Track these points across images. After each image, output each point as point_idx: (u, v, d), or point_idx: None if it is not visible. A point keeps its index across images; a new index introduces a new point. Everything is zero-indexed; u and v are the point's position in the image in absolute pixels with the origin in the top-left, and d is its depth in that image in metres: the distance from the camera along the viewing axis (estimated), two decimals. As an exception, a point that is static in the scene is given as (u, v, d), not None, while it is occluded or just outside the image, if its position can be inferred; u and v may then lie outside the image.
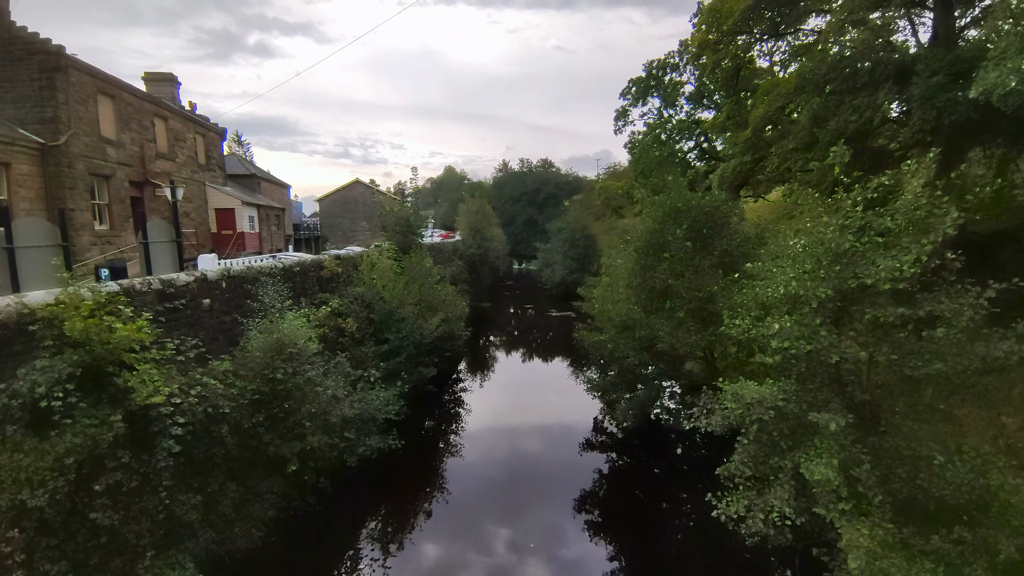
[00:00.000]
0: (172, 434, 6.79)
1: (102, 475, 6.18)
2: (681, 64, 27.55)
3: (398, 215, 19.63)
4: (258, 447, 9.25)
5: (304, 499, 10.22)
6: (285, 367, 9.37)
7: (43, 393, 5.61)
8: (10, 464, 5.57)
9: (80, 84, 16.22)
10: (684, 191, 12.33)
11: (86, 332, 6.11)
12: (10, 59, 15.10)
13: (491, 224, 42.67)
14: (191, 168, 23.09)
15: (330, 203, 50.67)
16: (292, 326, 9.76)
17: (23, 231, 7.88)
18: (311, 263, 13.37)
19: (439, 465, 13.91)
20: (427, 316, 15.61)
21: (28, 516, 5.64)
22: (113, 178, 17.54)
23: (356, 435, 10.95)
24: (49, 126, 15.27)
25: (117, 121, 17.93)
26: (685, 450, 13.99)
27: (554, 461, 13.88)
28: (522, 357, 28.11)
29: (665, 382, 13.63)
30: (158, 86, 23.78)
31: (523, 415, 18.13)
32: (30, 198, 14.71)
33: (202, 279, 9.05)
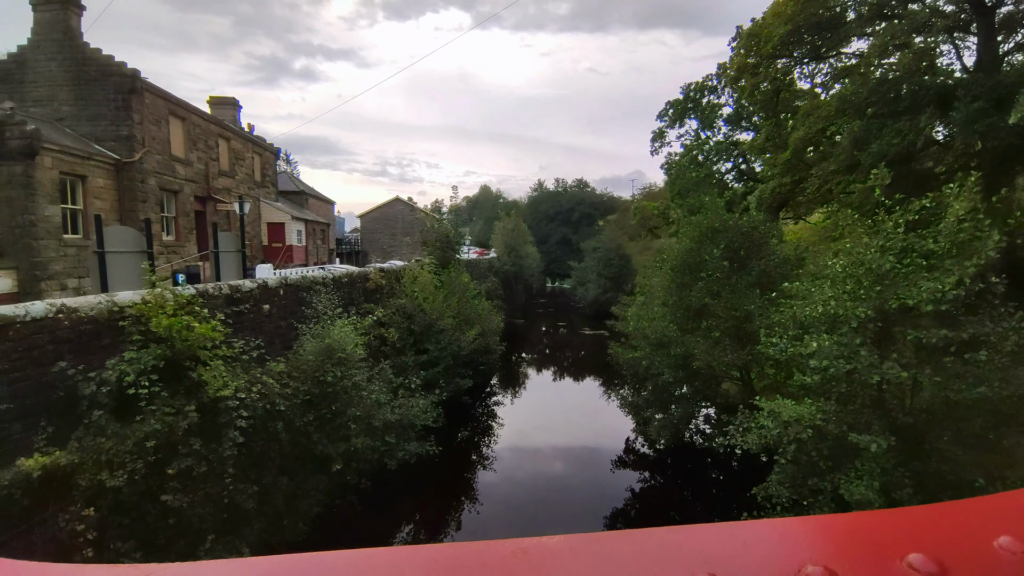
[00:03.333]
0: (237, 426, 7.39)
1: (175, 460, 6.78)
2: (719, 87, 27.73)
3: (438, 231, 20.36)
4: (307, 445, 9.81)
5: (346, 498, 10.68)
6: (334, 371, 9.96)
7: (131, 381, 6.28)
8: (92, 447, 6.22)
9: (154, 106, 17.76)
10: (721, 211, 12.47)
11: (169, 329, 6.80)
12: (85, 79, 16.67)
13: (526, 242, 43.28)
14: (248, 185, 24.64)
15: (371, 219, 52.54)
16: (341, 333, 10.37)
17: (112, 237, 8.78)
18: (358, 275, 14.10)
19: (471, 475, 14.20)
20: (464, 329, 16.08)
21: (104, 496, 6.25)
22: (180, 193, 18.99)
23: (396, 439, 11.40)
24: (124, 144, 16.76)
25: (186, 141, 19.47)
26: (719, 472, 13.82)
27: (585, 478, 13.94)
28: (554, 374, 28.24)
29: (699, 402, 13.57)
30: (221, 109, 25.64)
31: (554, 431, 18.25)
32: (105, 209, 16.11)
33: (264, 286, 9.79)
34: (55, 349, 5.99)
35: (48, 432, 5.84)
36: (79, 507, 5.90)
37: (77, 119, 16.34)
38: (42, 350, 5.84)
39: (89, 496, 5.99)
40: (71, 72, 16.33)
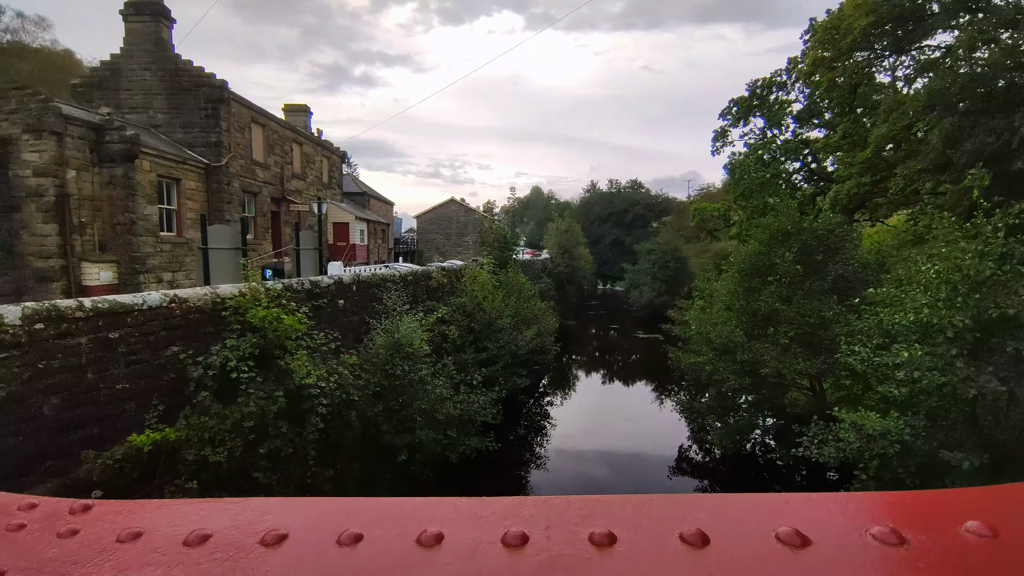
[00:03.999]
0: (318, 412, 7.87)
1: (265, 441, 7.32)
2: (789, 82, 26.51)
3: (496, 232, 20.67)
4: (376, 435, 10.28)
5: (411, 488, 11.09)
6: (402, 365, 10.38)
7: (233, 367, 6.85)
8: (198, 424, 6.81)
9: (238, 114, 19.09)
10: (794, 213, 11.96)
11: (263, 320, 7.35)
12: (177, 88, 18.12)
13: (579, 243, 43.05)
14: (317, 187, 25.98)
15: (427, 220, 53.95)
16: (409, 328, 10.79)
17: (214, 235, 9.58)
18: (421, 273, 14.60)
19: (524, 473, 14.36)
20: (522, 329, 16.26)
21: (206, 470, 6.84)
22: (259, 195, 20.31)
23: (457, 434, 11.72)
24: (213, 149, 18.12)
25: (265, 146, 20.80)
26: (781, 484, 13.25)
27: (638, 483, 13.75)
28: (607, 376, 27.94)
29: (764, 411, 13.07)
30: (294, 115, 27.19)
31: (607, 434, 18.09)
32: (195, 209, 17.49)
33: (339, 282, 10.35)
34: (168, 335, 6.62)
35: (159, 411, 6.47)
36: (184, 480, 6.49)
37: (171, 126, 17.83)
38: (156, 336, 6.48)
39: (193, 470, 6.58)
40: (165, 82, 17.84)
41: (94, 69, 18.14)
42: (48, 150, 12.88)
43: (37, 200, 12.96)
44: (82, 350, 5.58)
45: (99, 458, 5.66)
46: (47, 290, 13.16)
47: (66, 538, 0.77)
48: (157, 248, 15.32)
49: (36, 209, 12.97)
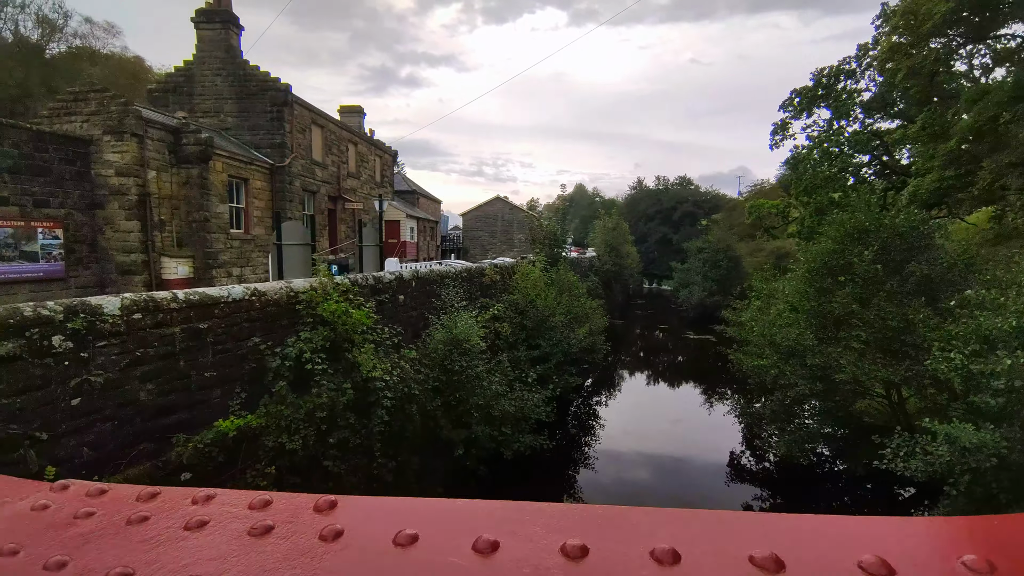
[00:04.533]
0: (384, 405, 8.03)
1: (335, 431, 7.54)
2: (858, 70, 24.99)
3: (546, 229, 20.56)
4: (434, 429, 10.43)
5: (467, 483, 11.19)
6: (460, 361, 10.48)
7: (308, 358, 7.10)
8: (276, 412, 7.08)
9: (300, 117, 19.81)
10: (873, 209, 11.23)
11: (333, 314, 7.57)
12: (246, 93, 18.99)
13: (626, 241, 42.29)
14: (370, 185, 26.67)
15: (472, 217, 54.47)
16: (467, 324, 10.88)
17: (286, 232, 9.97)
18: (475, 270, 14.70)
19: (573, 472, 14.23)
20: (573, 327, 16.10)
21: (283, 456, 7.11)
22: (318, 193, 21.05)
23: (512, 431, 11.73)
24: (277, 150, 18.89)
25: (324, 147, 21.52)
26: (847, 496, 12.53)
27: (690, 489, 13.34)
28: (656, 377, 27.32)
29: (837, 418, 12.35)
30: (348, 116, 27.99)
31: (657, 436, 17.67)
32: (260, 207, 18.30)
33: (400, 278, 10.55)
34: (249, 326, 6.92)
35: (241, 398, 6.77)
36: (263, 465, 6.77)
37: (240, 129, 18.71)
38: (239, 327, 6.78)
39: (271, 456, 6.86)
40: (234, 87, 18.74)
41: (169, 75, 19.27)
42: (130, 151, 13.77)
43: (120, 198, 13.89)
44: (175, 339, 5.90)
45: (190, 442, 5.98)
46: (129, 283, 14.09)
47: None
48: (227, 244, 16.12)
49: (119, 207, 13.90)
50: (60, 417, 4.85)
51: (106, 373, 5.19)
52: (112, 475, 5.29)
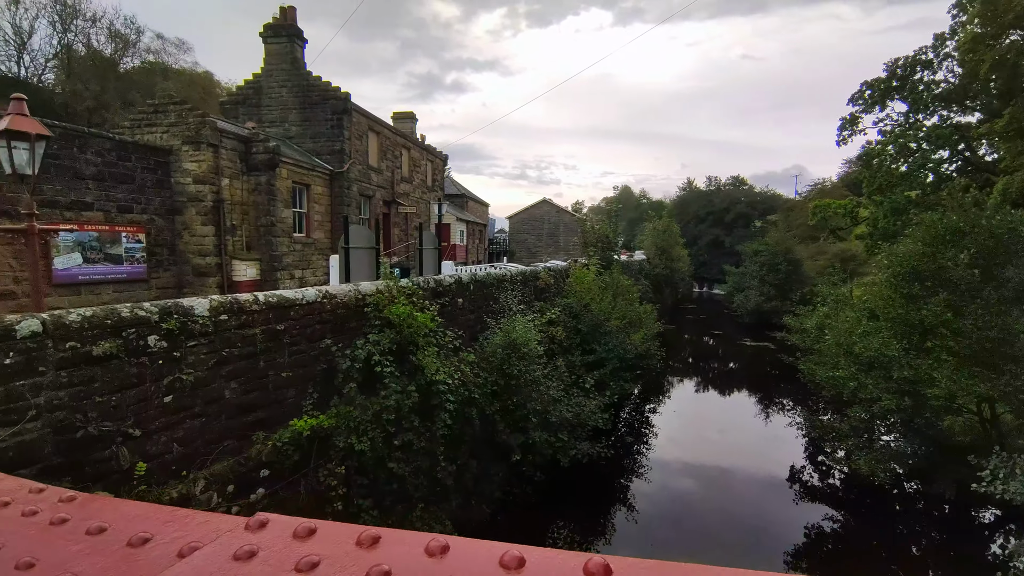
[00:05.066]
0: (447, 409, 8.02)
1: (400, 433, 7.58)
2: (935, 61, 23.22)
3: (599, 232, 20.21)
4: (492, 433, 10.36)
5: (523, 488, 11.06)
6: (519, 365, 10.37)
7: (377, 360, 7.18)
8: (345, 413, 7.19)
9: (358, 123, 20.38)
10: (968, 209, 10.29)
11: (400, 317, 7.63)
12: (309, 103, 19.72)
13: (677, 244, 41.11)
14: (422, 190, 27.15)
15: (519, 220, 54.57)
16: (525, 328, 10.77)
17: (354, 235, 10.21)
18: (530, 273, 14.59)
19: (626, 481, 13.81)
20: (629, 332, 15.70)
21: (351, 457, 7.20)
22: (373, 198, 21.59)
23: (568, 437, 11.51)
24: (336, 157, 19.50)
25: (379, 152, 22.07)
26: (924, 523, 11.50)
27: (747, 504, 12.65)
28: (710, 385, 26.29)
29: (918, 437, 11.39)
30: (401, 122, 28.62)
31: (712, 447, 16.94)
32: (321, 212, 18.93)
33: (459, 281, 10.57)
34: (320, 328, 7.07)
35: (313, 398, 6.91)
36: (333, 465, 6.89)
37: (302, 137, 19.47)
38: (312, 329, 6.94)
39: (341, 456, 6.96)
40: (298, 97, 19.51)
41: (239, 88, 20.30)
42: (206, 160, 14.54)
43: (197, 204, 14.69)
44: (256, 340, 6.09)
45: (269, 440, 6.15)
46: (204, 284, 14.87)
47: None
48: (291, 248, 16.76)
49: (196, 212, 14.70)
50: (153, 414, 5.07)
51: (196, 372, 5.40)
52: (199, 471, 5.49)
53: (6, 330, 4.02)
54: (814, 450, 15.42)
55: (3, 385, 4.00)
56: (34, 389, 4.19)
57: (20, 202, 11.55)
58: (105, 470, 4.67)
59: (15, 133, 5.26)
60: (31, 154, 5.41)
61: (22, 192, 11.88)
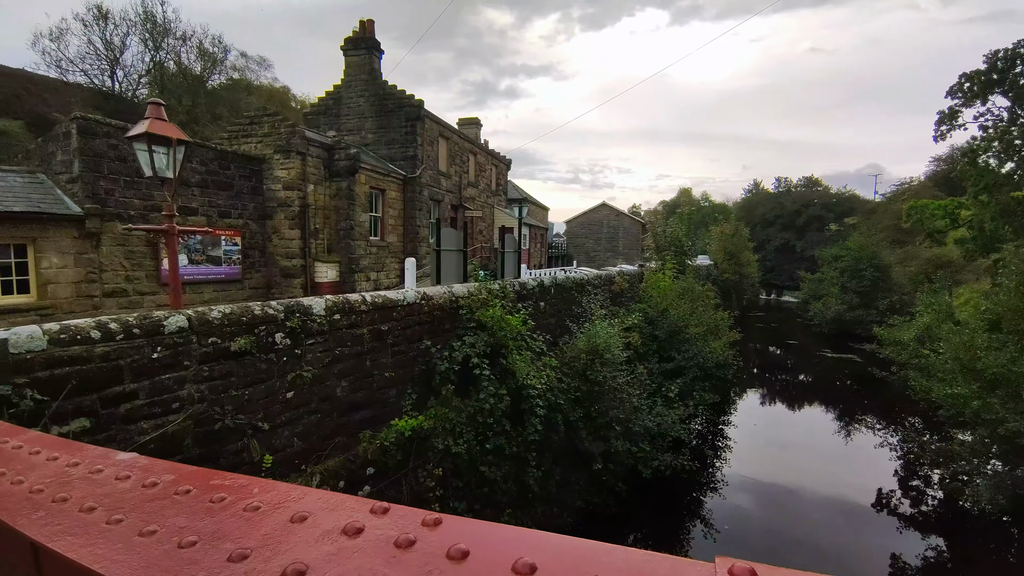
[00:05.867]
0: (537, 414, 7.90)
1: (492, 437, 7.53)
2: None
3: (671, 236, 19.56)
4: (574, 440, 10.15)
5: (604, 498, 10.75)
6: (603, 371, 10.10)
7: (476, 363, 7.17)
8: (442, 415, 7.22)
9: (429, 130, 20.83)
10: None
11: (492, 319, 7.60)
12: (384, 111, 20.36)
13: (746, 248, 39.20)
14: (487, 194, 27.40)
15: (577, 224, 54.04)
16: (608, 334, 10.49)
17: (445, 238, 10.36)
18: (605, 278, 14.27)
19: (702, 496, 13.14)
20: (708, 340, 15.01)
21: (448, 459, 7.22)
22: (442, 202, 21.99)
23: (650, 447, 11.10)
24: (409, 162, 20.01)
25: (448, 157, 22.47)
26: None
27: (829, 529, 11.64)
28: (790, 399, 24.73)
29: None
30: (467, 128, 29.05)
31: (790, 465, 15.81)
32: (394, 216, 19.45)
33: (541, 284, 10.46)
34: (418, 329, 7.15)
35: (412, 399, 6.99)
36: (431, 466, 6.92)
37: (377, 144, 20.14)
38: (412, 329, 7.02)
39: (438, 458, 6.99)
40: (375, 106, 20.21)
41: (321, 99, 21.32)
42: (295, 167, 15.29)
43: (285, 210, 15.47)
44: (364, 339, 6.21)
45: (375, 439, 6.25)
46: (290, 285, 15.62)
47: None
48: (367, 251, 17.32)
49: (284, 217, 15.48)
50: (278, 409, 5.25)
51: (313, 369, 5.56)
52: (315, 465, 5.64)
53: (155, 325, 4.26)
54: (906, 473, 14.18)
55: (150, 379, 4.23)
56: (179, 382, 4.42)
57: (132, 206, 12.60)
58: (237, 461, 4.87)
59: (156, 137, 5.65)
60: (170, 158, 5.80)
61: (131, 197, 12.98)
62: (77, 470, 0.94)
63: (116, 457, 1.01)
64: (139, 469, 0.92)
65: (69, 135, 11.23)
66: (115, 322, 4.00)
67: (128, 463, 0.95)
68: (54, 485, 0.86)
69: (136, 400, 4.10)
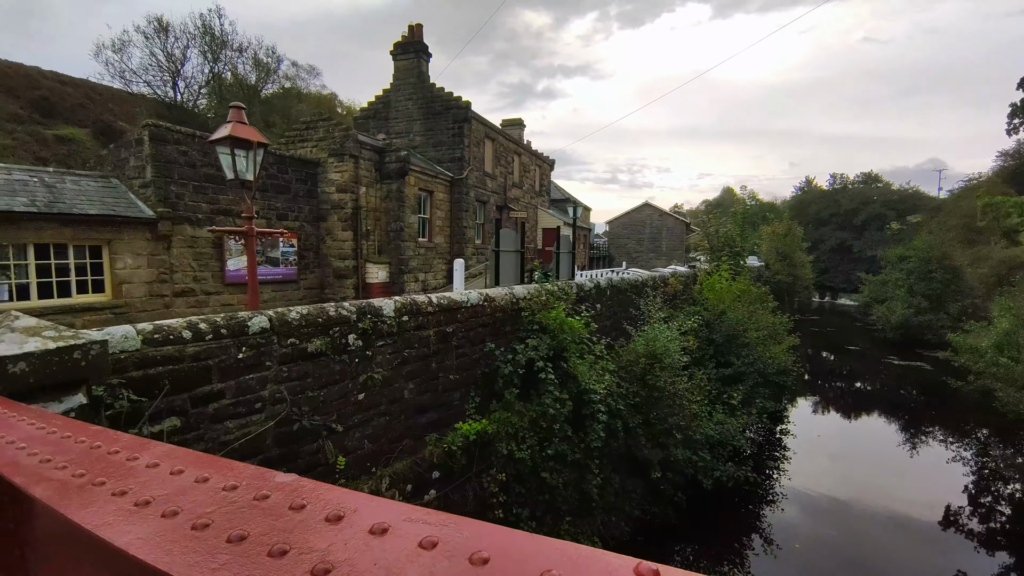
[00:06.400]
0: (600, 420, 7.65)
1: (554, 443, 7.33)
2: None
3: (725, 236, 18.82)
4: (631, 447, 9.82)
5: (662, 508, 10.37)
6: (663, 376, 9.74)
7: (541, 367, 7.01)
8: (504, 420, 7.08)
9: (476, 131, 20.86)
10: None
11: (554, 322, 7.41)
12: (432, 113, 20.52)
13: (799, 249, 37.42)
14: (530, 195, 27.25)
15: (618, 224, 53.12)
16: (668, 338, 10.11)
17: (504, 238, 10.30)
18: (659, 279, 13.83)
19: (759, 509, 12.46)
20: (768, 345, 14.31)
21: (511, 464, 7.06)
22: (487, 203, 21.98)
23: (711, 457, 10.64)
24: (456, 164, 20.09)
25: (493, 159, 22.46)
26: None
27: (896, 550, 10.77)
28: (853, 408, 23.35)
29: None
30: (510, 129, 28.98)
31: (853, 479, 14.79)
32: (441, 217, 19.57)
33: (597, 286, 10.20)
34: (481, 331, 7.04)
35: (476, 402, 6.88)
36: (495, 471, 6.79)
37: (425, 146, 20.33)
38: (475, 331, 6.92)
39: (501, 463, 6.85)
40: (423, 108, 20.42)
41: (370, 103, 21.74)
42: (348, 170, 15.59)
43: (339, 212, 15.79)
44: (430, 341, 6.15)
45: (441, 442, 6.18)
46: (342, 285, 15.93)
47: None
48: (416, 252, 17.48)
49: (338, 219, 15.81)
50: (351, 410, 5.24)
51: (383, 371, 5.52)
52: (383, 467, 5.61)
53: (241, 326, 4.29)
54: (979, 488, 13.15)
55: (235, 378, 4.26)
56: (261, 383, 4.44)
57: (199, 209, 13.11)
58: (313, 463, 4.88)
59: (238, 140, 5.77)
60: (249, 160, 5.92)
61: (199, 201, 13.52)
62: (236, 494, 0.74)
63: (276, 479, 0.83)
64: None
65: (142, 142, 11.80)
66: (204, 322, 4.05)
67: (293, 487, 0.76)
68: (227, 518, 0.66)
69: (223, 400, 4.14)
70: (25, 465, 0.92)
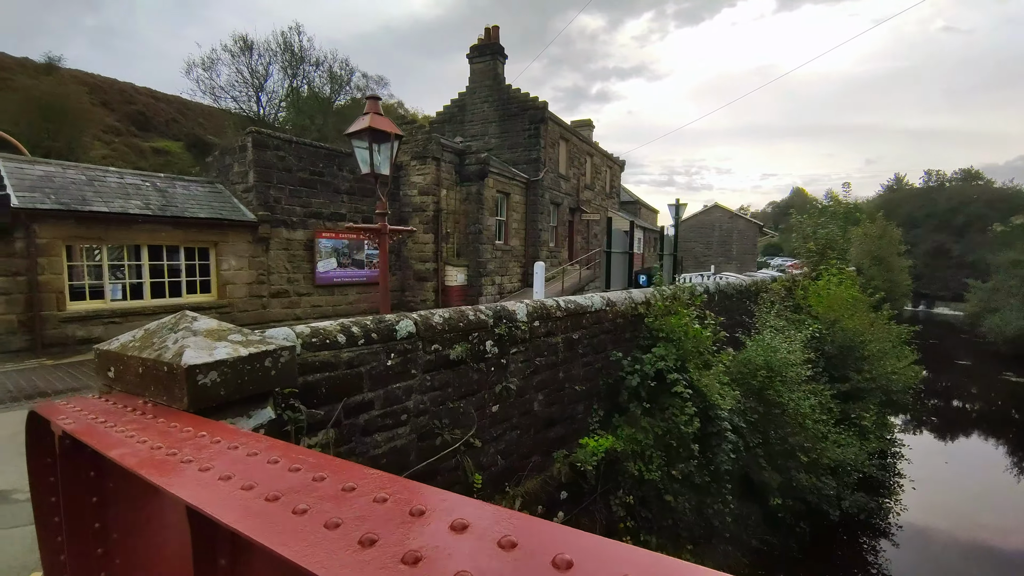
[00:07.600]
0: (728, 439, 6.88)
1: (680, 463, 6.63)
2: None
3: (825, 238, 17.28)
4: (747, 469, 8.92)
5: (785, 540, 9.36)
6: (786, 393, 8.78)
7: (673, 379, 6.35)
8: (630, 436, 6.46)
9: (551, 132, 20.39)
10: None
11: (679, 329, 6.73)
12: (508, 115, 20.21)
13: (896, 253, 34.23)
14: (602, 197, 26.47)
15: (684, 227, 50.95)
16: (786, 348, 9.14)
17: (615, 240, 9.75)
18: (761, 283, 12.74)
19: (875, 542, 11.00)
20: (888, 359, 12.83)
21: (640, 486, 6.42)
22: (561, 205, 21.44)
23: (837, 484, 9.52)
24: (532, 166, 19.68)
25: (567, 160, 21.90)
26: None
27: None
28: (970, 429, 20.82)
29: None
30: (580, 130, 28.33)
31: (977, 513, 12.89)
32: (517, 220, 19.20)
33: (707, 291, 9.38)
34: (603, 338, 6.48)
35: (600, 415, 6.33)
36: (623, 493, 6.19)
37: (500, 148, 20.07)
38: (598, 339, 6.37)
39: (628, 485, 6.25)
40: (498, 110, 20.20)
41: (446, 107, 21.80)
42: (430, 173, 15.53)
43: (420, 214, 15.76)
44: (559, 349, 5.66)
45: (569, 459, 5.67)
46: (422, 288, 15.87)
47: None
48: (493, 255, 17.20)
49: (419, 221, 15.78)
50: (486, 423, 4.83)
51: (517, 380, 5.09)
52: (515, 486, 5.15)
53: (389, 330, 3.96)
54: None
55: (384, 387, 3.93)
56: (407, 392, 4.10)
57: (294, 212, 13.38)
58: (452, 480, 4.48)
59: (377, 132, 5.56)
60: (384, 153, 5.70)
61: (294, 204, 13.83)
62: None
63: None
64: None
65: (245, 148, 12.17)
66: (356, 326, 3.74)
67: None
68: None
69: (372, 410, 3.82)
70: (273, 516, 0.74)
